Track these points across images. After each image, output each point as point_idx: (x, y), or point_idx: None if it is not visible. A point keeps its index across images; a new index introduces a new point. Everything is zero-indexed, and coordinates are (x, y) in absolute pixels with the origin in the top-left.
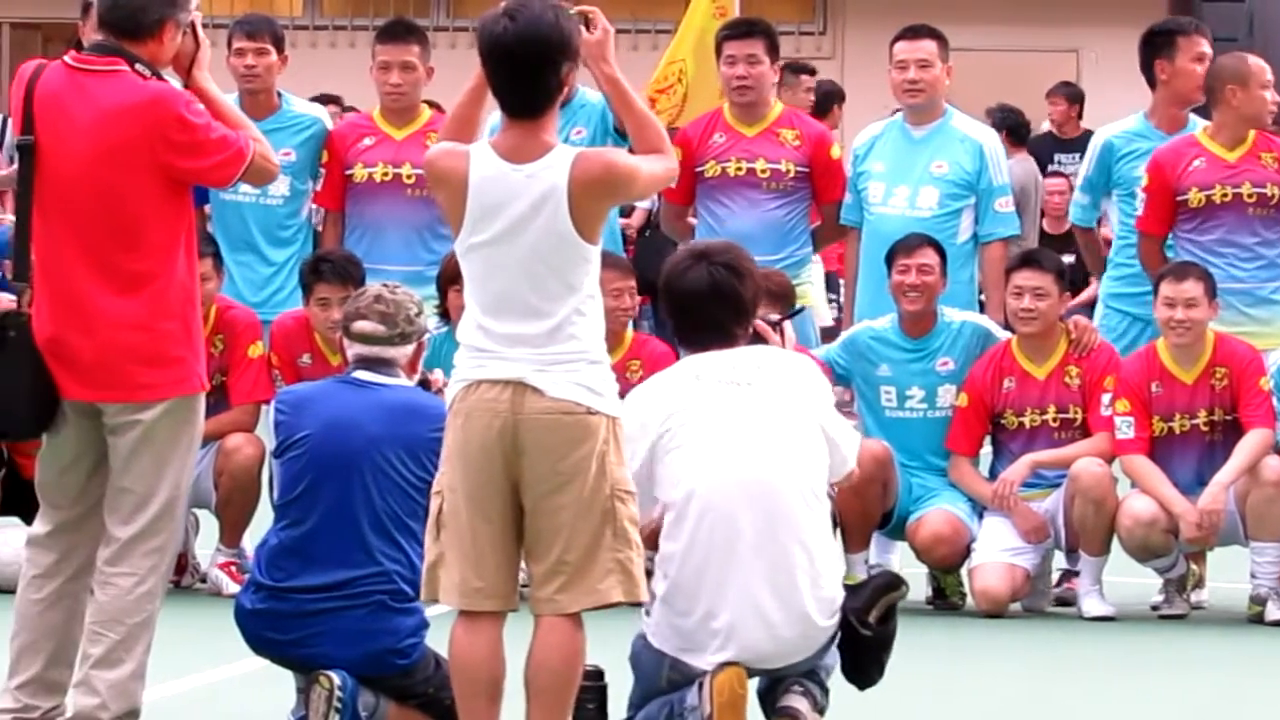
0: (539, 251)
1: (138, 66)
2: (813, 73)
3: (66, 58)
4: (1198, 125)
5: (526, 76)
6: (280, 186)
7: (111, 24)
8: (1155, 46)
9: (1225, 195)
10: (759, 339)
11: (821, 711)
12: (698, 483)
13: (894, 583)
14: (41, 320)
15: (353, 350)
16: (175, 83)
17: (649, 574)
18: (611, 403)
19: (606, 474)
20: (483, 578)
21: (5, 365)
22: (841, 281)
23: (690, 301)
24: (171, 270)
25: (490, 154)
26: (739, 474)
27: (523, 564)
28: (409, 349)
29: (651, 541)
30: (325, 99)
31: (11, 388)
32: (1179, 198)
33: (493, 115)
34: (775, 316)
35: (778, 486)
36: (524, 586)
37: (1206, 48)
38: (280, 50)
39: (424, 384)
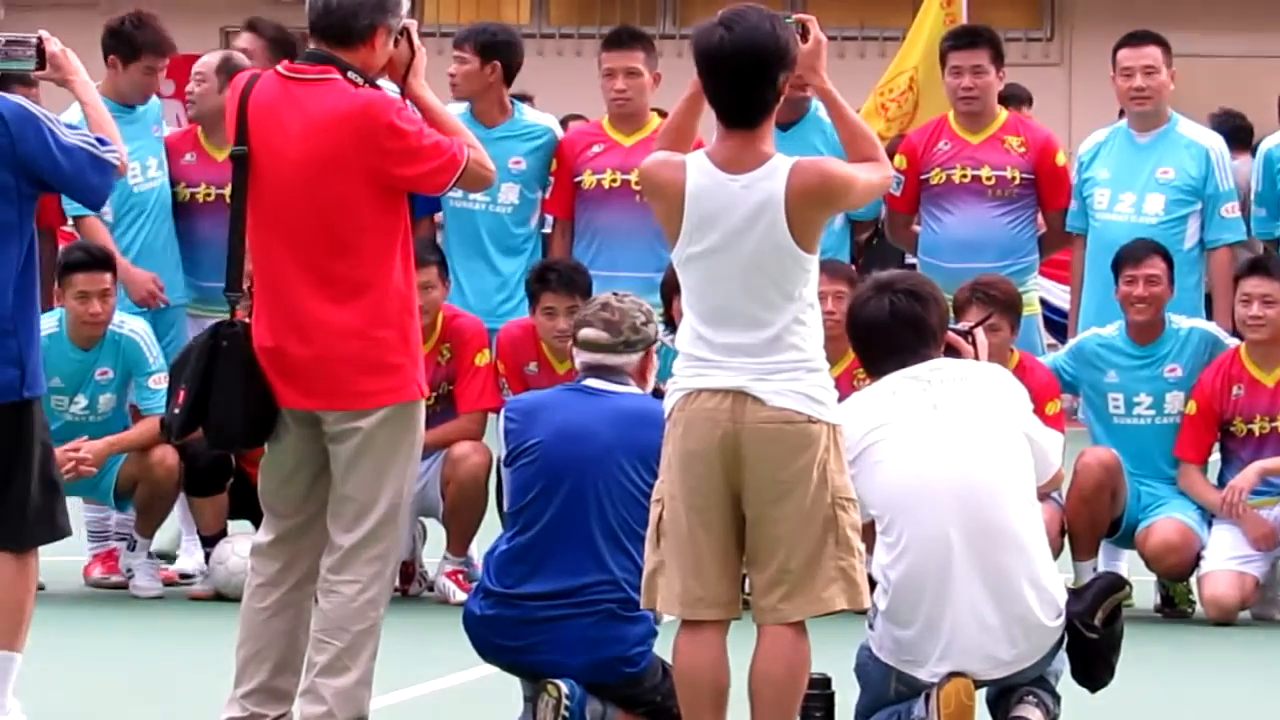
0: (757, 261)
1: (349, 74)
2: None
3: (279, 67)
4: None
5: (743, 86)
6: (510, 195)
7: (322, 31)
8: None
9: None
10: (952, 351)
11: (1053, 716)
12: (904, 499)
13: (1116, 584)
14: (260, 330)
15: (580, 358)
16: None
17: (871, 581)
18: (832, 410)
19: (828, 482)
20: (704, 586)
21: (220, 376)
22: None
23: (872, 331)
24: (388, 278)
25: (707, 164)
26: (945, 487)
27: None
28: (635, 357)
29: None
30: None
31: (227, 399)
32: None
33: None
34: (964, 326)
35: (986, 496)
36: (747, 595)
37: None
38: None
39: (657, 394)
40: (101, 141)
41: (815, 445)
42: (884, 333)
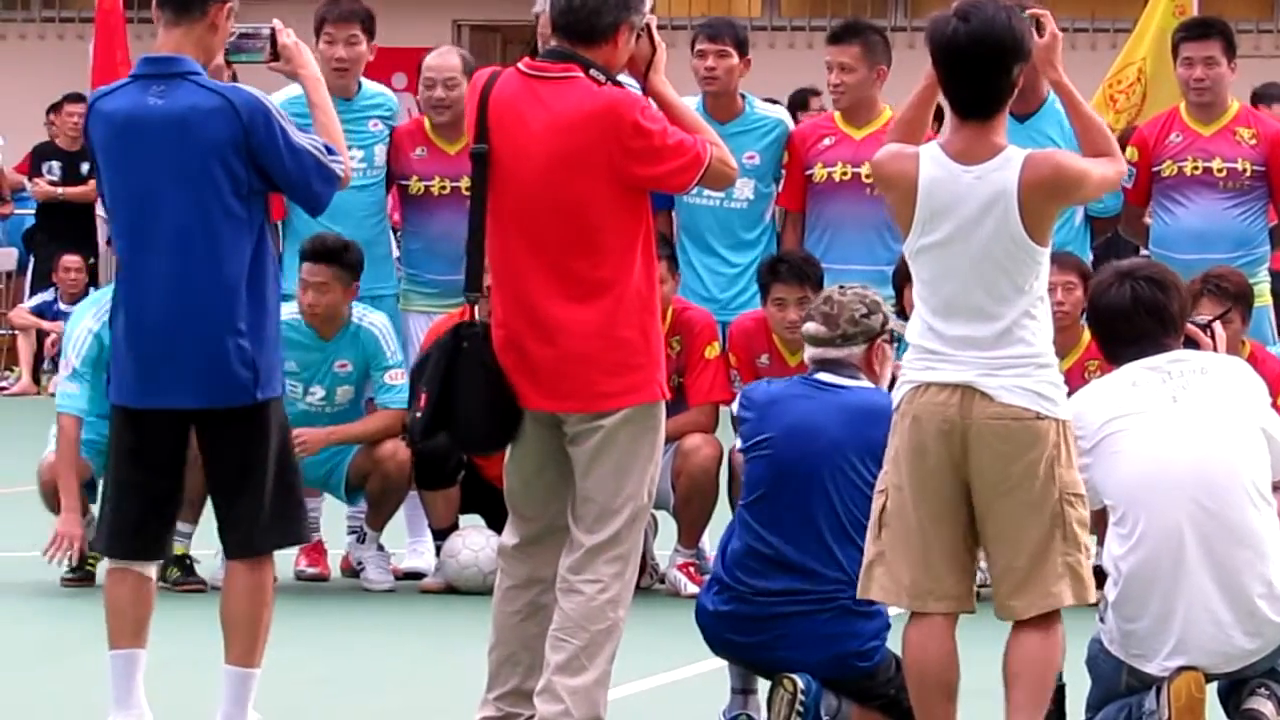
0: (990, 253)
1: (592, 72)
2: None
3: (520, 65)
4: None
5: (978, 78)
6: (745, 190)
7: (565, 29)
8: None
9: None
10: (1190, 343)
11: None
12: (1140, 491)
13: None
14: (499, 331)
15: (807, 353)
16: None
17: (1100, 572)
18: (1060, 406)
19: (1056, 478)
20: (932, 579)
21: (463, 378)
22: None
23: (1114, 317)
24: (629, 277)
25: (940, 155)
26: (1182, 481)
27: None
28: (857, 349)
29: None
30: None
31: (470, 401)
32: None
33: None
34: (1204, 319)
35: (1221, 491)
36: (982, 587)
37: None
38: (743, 54)
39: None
40: (329, 150)
41: (1043, 442)
42: (1125, 319)
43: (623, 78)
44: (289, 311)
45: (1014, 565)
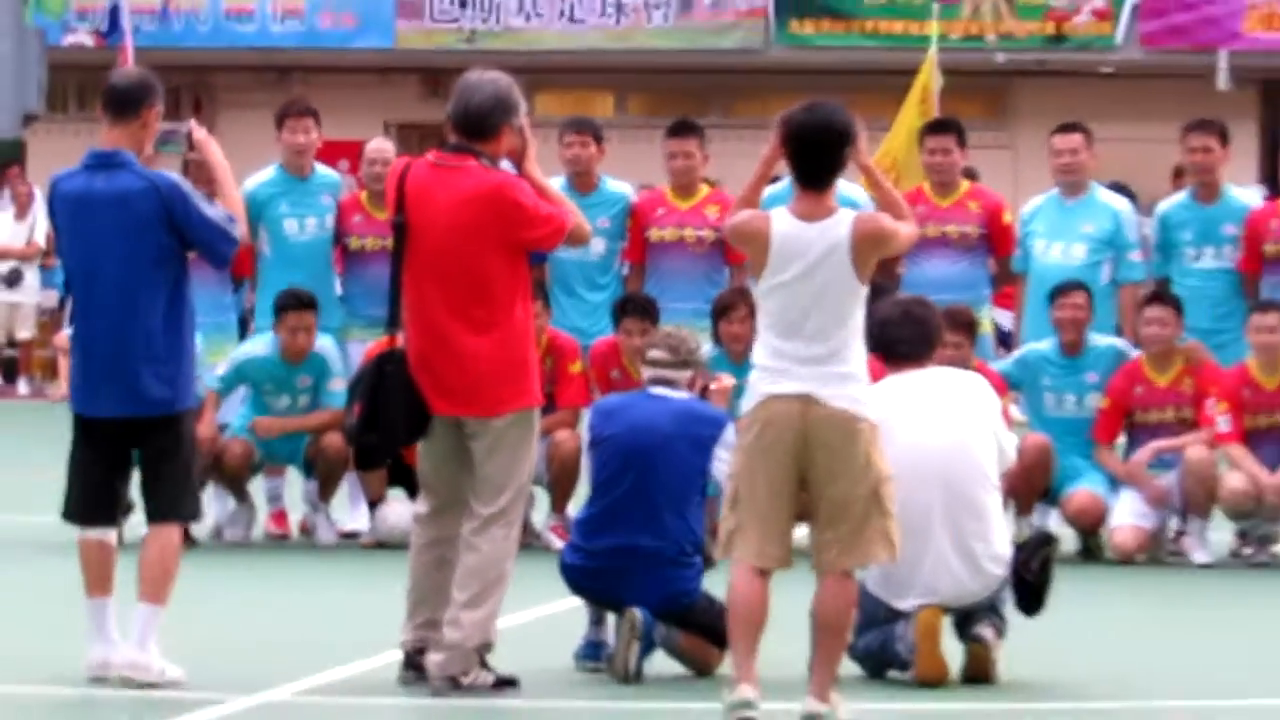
0: (826, 290)
1: (482, 160)
2: None
3: (429, 156)
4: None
5: (819, 156)
6: (599, 247)
7: (462, 128)
8: None
9: None
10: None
11: (1002, 634)
12: (900, 473)
13: (1048, 540)
14: (415, 356)
15: (648, 373)
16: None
17: None
18: (873, 411)
19: (873, 466)
20: (773, 544)
21: (386, 395)
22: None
23: (888, 323)
24: (512, 316)
25: (788, 215)
26: (932, 467)
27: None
28: (689, 373)
29: None
30: None
31: (392, 412)
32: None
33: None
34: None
35: (963, 477)
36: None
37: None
38: (599, 143)
39: (704, 393)
40: (230, 219)
41: (862, 438)
42: (896, 325)
43: (504, 164)
44: (264, 350)
45: (840, 532)
